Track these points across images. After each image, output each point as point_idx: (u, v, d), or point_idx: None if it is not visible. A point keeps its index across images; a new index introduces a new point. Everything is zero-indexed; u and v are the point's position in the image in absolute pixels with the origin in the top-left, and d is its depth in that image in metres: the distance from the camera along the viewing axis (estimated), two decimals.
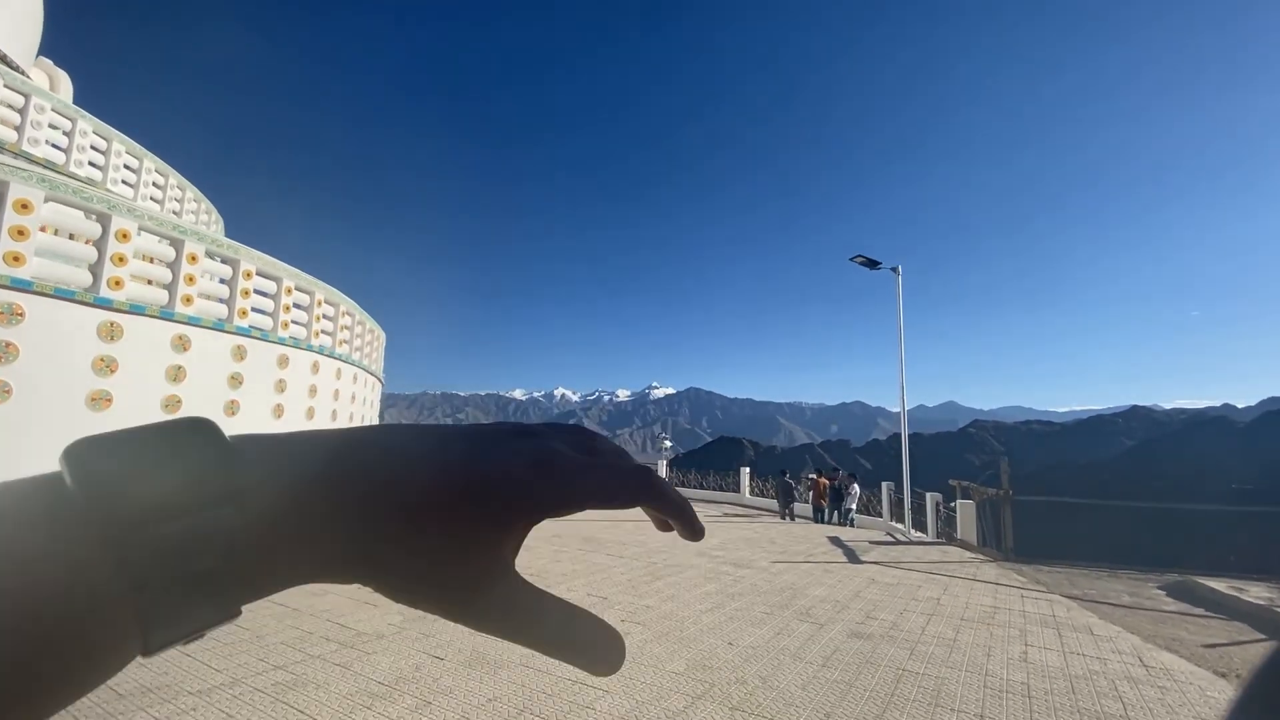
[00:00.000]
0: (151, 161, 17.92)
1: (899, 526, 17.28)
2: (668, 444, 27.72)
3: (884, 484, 19.05)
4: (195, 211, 20.01)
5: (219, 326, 12.61)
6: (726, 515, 18.55)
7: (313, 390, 14.31)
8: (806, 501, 19.78)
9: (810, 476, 17.57)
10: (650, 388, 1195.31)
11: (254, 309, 13.32)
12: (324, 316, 15.23)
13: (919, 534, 15.30)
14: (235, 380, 12.46)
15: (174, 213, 18.13)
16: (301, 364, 13.95)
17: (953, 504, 13.78)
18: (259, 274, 13.67)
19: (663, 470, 27.29)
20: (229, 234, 22.21)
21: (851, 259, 15.45)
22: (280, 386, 13.26)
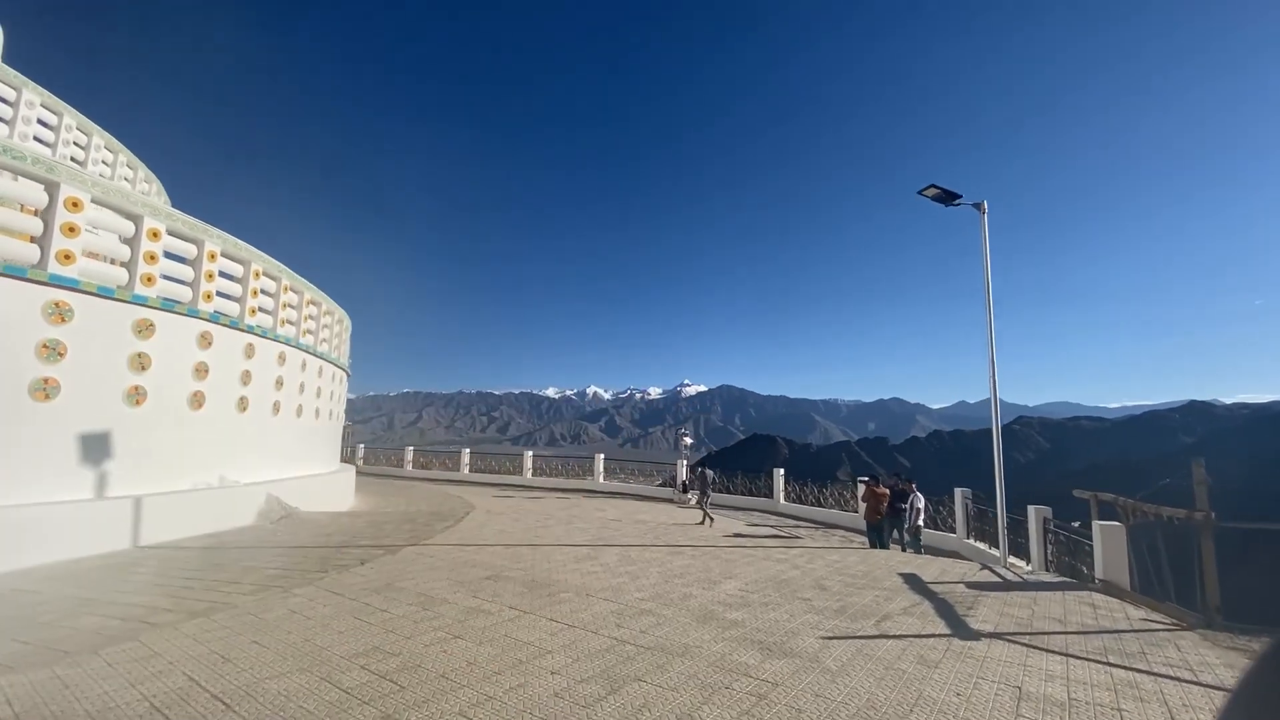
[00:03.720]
0: (72, 117, 15.03)
1: (985, 549, 13.24)
2: (688, 441, 23.96)
3: (958, 490, 15.00)
4: (132, 180, 17.11)
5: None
6: (753, 531, 14.74)
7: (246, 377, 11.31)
8: (849, 509, 15.86)
9: (863, 482, 13.68)
10: (682, 385, 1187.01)
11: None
12: (261, 291, 12.06)
13: (1017, 561, 11.29)
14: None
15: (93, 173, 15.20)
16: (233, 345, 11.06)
17: (1076, 524, 9.78)
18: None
19: (682, 473, 23.57)
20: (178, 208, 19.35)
21: (921, 191, 11.54)
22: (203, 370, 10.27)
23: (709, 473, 16.87)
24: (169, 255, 9.90)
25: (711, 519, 15.50)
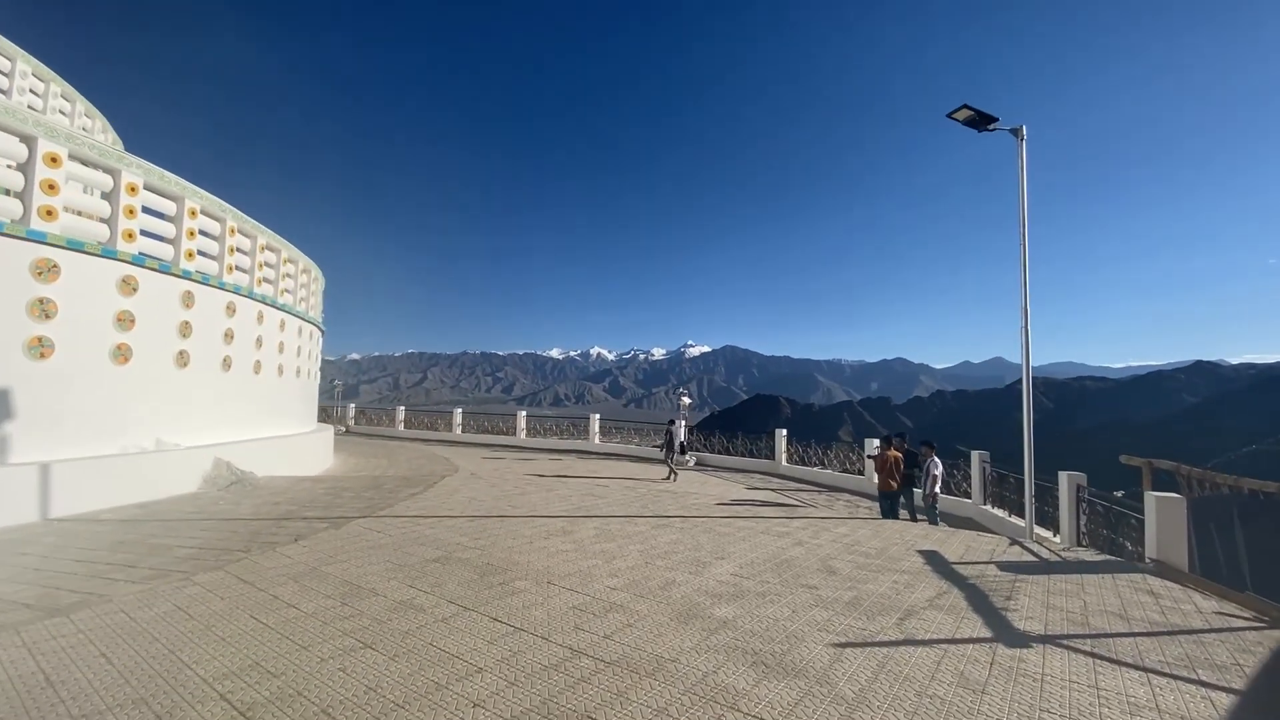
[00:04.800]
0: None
1: (1005, 517, 12.19)
2: (687, 401, 22.91)
3: (975, 453, 13.90)
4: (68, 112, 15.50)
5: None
6: (752, 497, 13.71)
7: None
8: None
9: (876, 446, 12.51)
10: (686, 346, 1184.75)
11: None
12: (201, 232, 10.71)
13: (1043, 532, 10.23)
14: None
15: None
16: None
17: (1119, 493, 8.65)
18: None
19: (680, 433, 22.49)
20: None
21: (952, 114, 10.00)
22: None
23: (675, 427, 17.85)
24: (81, 188, 8.55)
25: (675, 474, 16.58)
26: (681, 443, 22.08)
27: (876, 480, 11.30)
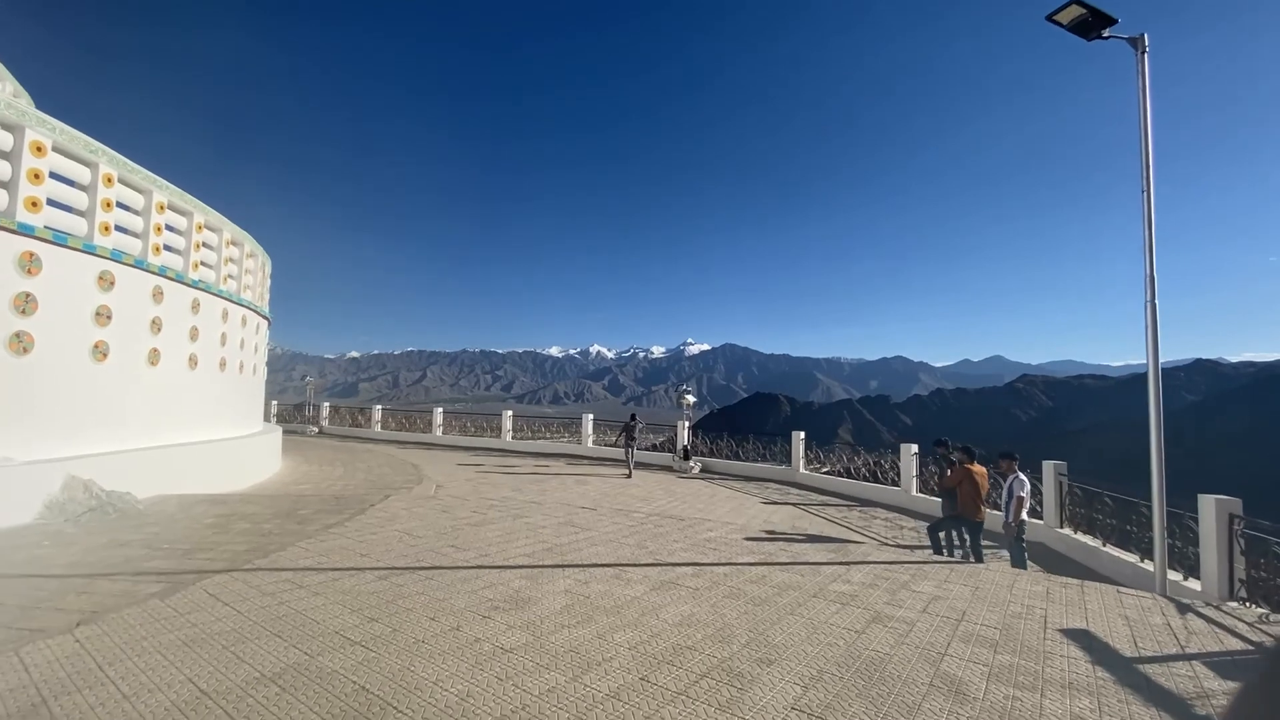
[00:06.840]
0: None
1: (1095, 545, 9.62)
2: (690, 399, 20.40)
3: (1048, 464, 11.34)
4: None
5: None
6: (775, 518, 11.13)
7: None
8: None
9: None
10: (685, 344, 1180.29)
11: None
12: (54, 175, 8.11)
13: (1174, 575, 7.68)
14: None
15: None
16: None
17: None
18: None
19: (684, 435, 19.95)
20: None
21: (1052, 16, 7.45)
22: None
23: (635, 424, 17.69)
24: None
25: (630, 473, 16.78)
26: (684, 446, 19.57)
27: (958, 503, 8.39)
